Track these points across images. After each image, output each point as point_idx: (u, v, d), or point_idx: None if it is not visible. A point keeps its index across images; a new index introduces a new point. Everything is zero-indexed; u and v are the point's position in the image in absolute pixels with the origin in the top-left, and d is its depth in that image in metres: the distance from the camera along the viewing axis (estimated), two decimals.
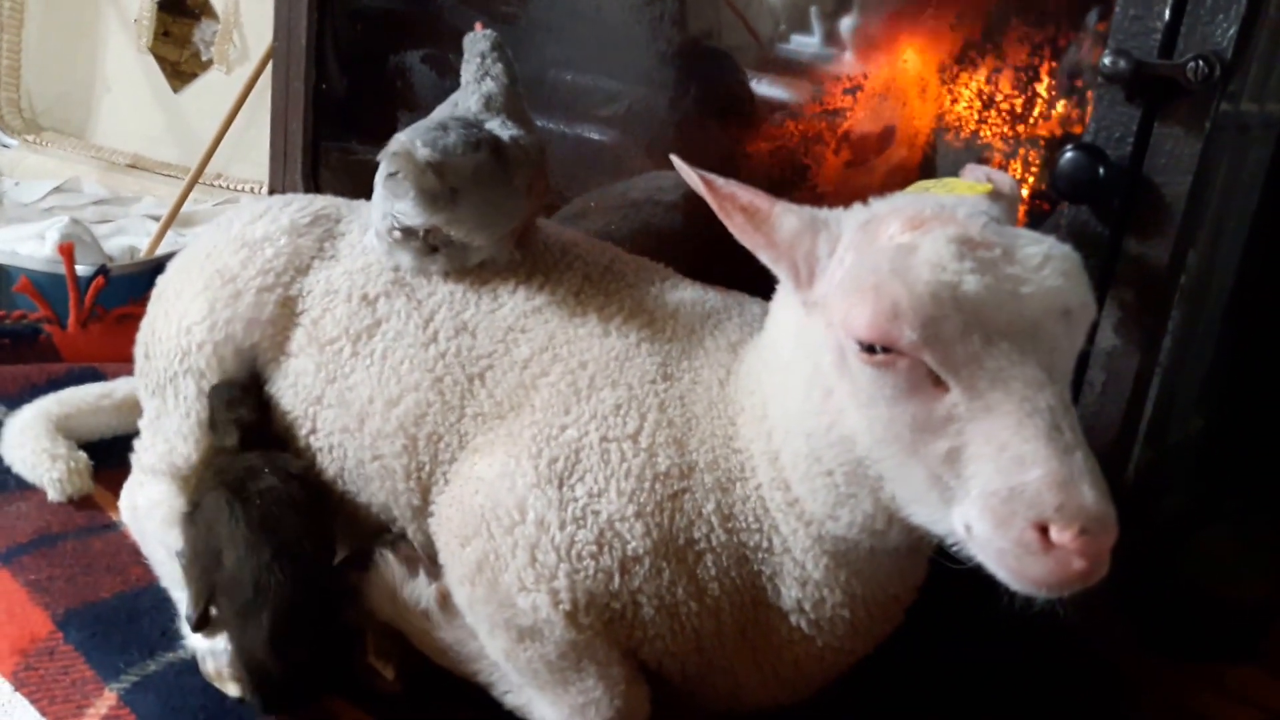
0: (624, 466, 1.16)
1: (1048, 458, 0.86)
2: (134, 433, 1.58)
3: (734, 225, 1.04)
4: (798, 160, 1.61)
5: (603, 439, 1.17)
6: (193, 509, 1.34)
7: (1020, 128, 1.40)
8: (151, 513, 1.46)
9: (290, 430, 1.39)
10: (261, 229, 1.45)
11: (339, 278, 1.40)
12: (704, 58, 1.77)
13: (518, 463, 1.19)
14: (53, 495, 1.61)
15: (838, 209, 1.04)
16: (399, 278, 1.37)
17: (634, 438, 1.17)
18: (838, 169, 1.59)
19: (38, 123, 3.69)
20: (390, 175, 1.28)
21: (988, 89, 1.41)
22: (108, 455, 1.68)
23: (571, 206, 1.87)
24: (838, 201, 1.06)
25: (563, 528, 1.15)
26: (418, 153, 1.24)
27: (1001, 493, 0.88)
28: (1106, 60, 1.15)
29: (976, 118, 1.43)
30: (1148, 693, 1.43)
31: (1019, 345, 0.90)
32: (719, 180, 1.04)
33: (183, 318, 1.43)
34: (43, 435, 1.67)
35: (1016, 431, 0.88)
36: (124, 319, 2.14)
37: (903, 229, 0.95)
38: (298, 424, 1.38)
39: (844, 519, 1.05)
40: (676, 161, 1.08)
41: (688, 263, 1.44)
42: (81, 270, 2.16)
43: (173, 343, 1.43)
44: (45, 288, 2.15)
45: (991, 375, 0.89)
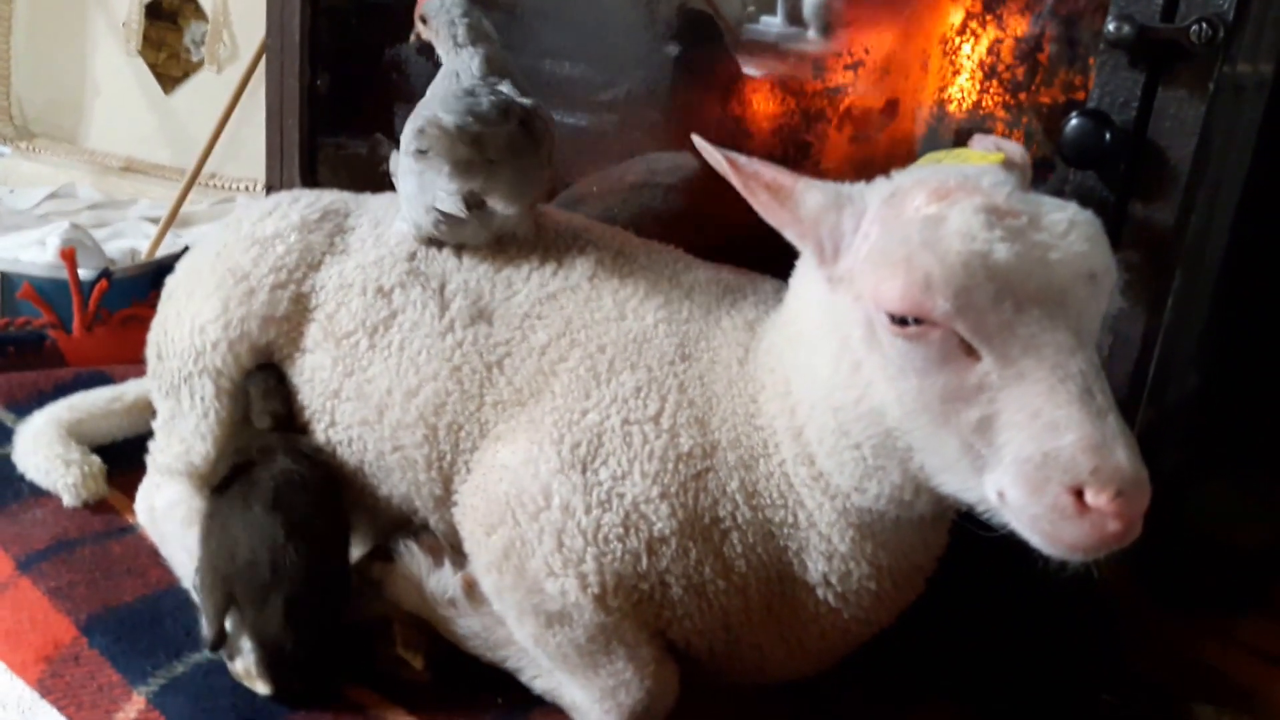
0: (647, 448, 1.16)
1: (1081, 422, 0.87)
2: (146, 435, 1.59)
3: (758, 203, 1.04)
4: (799, 137, 1.61)
5: (624, 422, 1.18)
6: (210, 513, 1.35)
7: (1022, 96, 1.40)
8: (170, 514, 1.47)
9: (309, 425, 1.39)
10: (272, 226, 1.45)
11: (352, 271, 1.40)
12: (698, 32, 1.77)
13: (540, 449, 1.19)
14: (68, 501, 1.61)
15: (859, 183, 1.05)
16: (413, 268, 1.38)
17: (655, 419, 1.17)
18: (841, 144, 1.59)
19: (29, 129, 3.68)
20: (421, 153, 1.28)
21: (989, 59, 1.42)
22: (121, 458, 1.68)
23: (570, 192, 1.87)
24: (840, 177, 1.07)
25: (588, 512, 1.15)
26: (446, 122, 1.24)
27: (1036, 458, 0.88)
28: (1110, 26, 1.15)
29: (978, 88, 1.44)
30: (1159, 646, 1.44)
31: (1049, 311, 0.91)
32: (742, 159, 1.04)
33: (195, 317, 1.43)
34: (55, 441, 1.66)
35: (1049, 397, 0.88)
36: (128, 321, 2.15)
37: (928, 200, 0.95)
38: (316, 418, 1.38)
39: (872, 491, 1.06)
40: (698, 141, 1.08)
41: (689, 244, 1.44)
42: (84, 274, 2.16)
43: (186, 342, 1.43)
44: (48, 293, 2.15)
45: (1023, 342, 0.90)
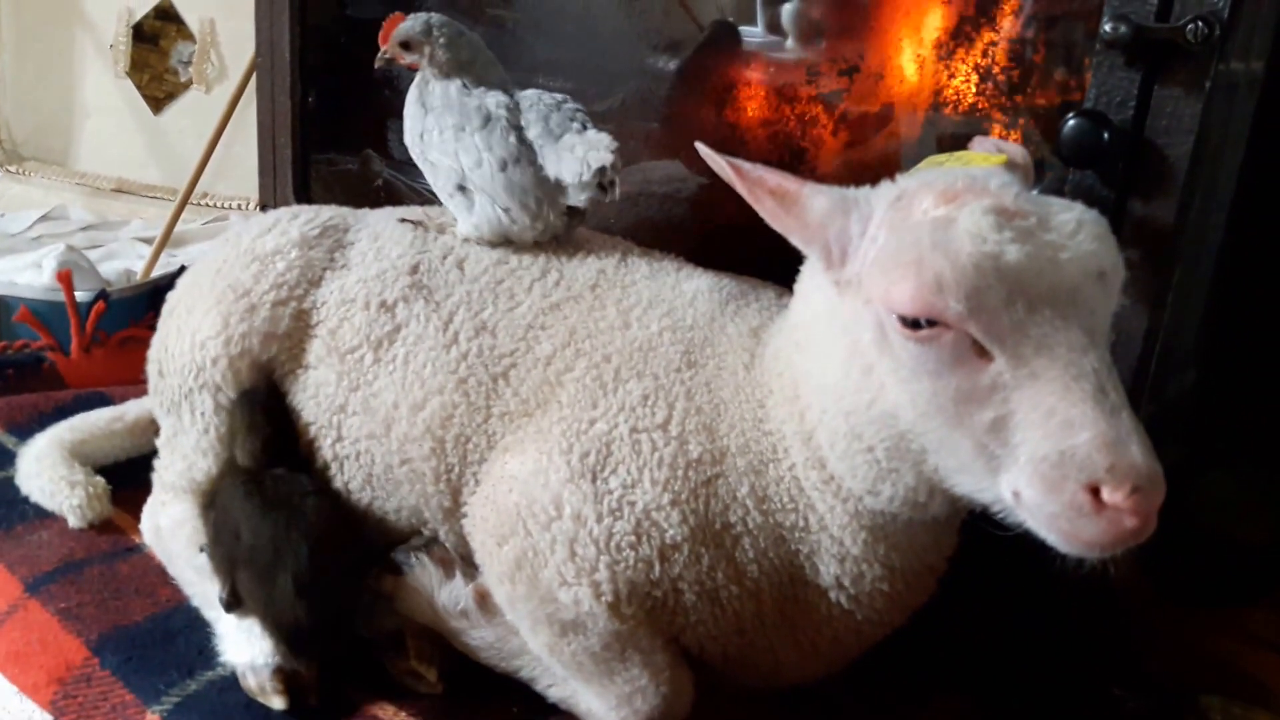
0: (656, 456, 1.16)
1: (1096, 420, 0.88)
2: (148, 454, 1.59)
3: (764, 209, 1.04)
4: (795, 143, 1.62)
5: (633, 430, 1.18)
6: (209, 502, 1.38)
7: (1018, 98, 1.41)
8: (176, 533, 1.47)
9: (314, 441, 1.39)
10: (272, 242, 1.45)
11: (354, 286, 1.40)
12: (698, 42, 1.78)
13: (549, 459, 1.20)
14: (73, 522, 1.60)
15: (864, 187, 1.05)
16: (416, 281, 1.38)
17: (664, 427, 1.18)
18: (837, 151, 1.60)
19: (19, 153, 3.68)
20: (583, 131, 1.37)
21: (984, 61, 1.43)
22: (124, 478, 1.68)
23: None
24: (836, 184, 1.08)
25: (600, 520, 1.15)
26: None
27: (1052, 457, 0.89)
28: (1107, 26, 1.16)
29: (974, 89, 1.45)
30: (1167, 639, 1.45)
31: (1060, 311, 0.91)
32: (746, 165, 1.05)
33: (196, 333, 1.43)
34: (59, 463, 1.66)
35: (1063, 396, 0.89)
36: (126, 342, 2.15)
37: (936, 203, 0.96)
38: (322, 434, 1.38)
39: (885, 494, 1.06)
40: (702, 149, 1.08)
41: (686, 253, 1.45)
42: (81, 296, 2.16)
43: (187, 359, 1.43)
44: (45, 316, 2.15)
45: (1036, 342, 0.91)
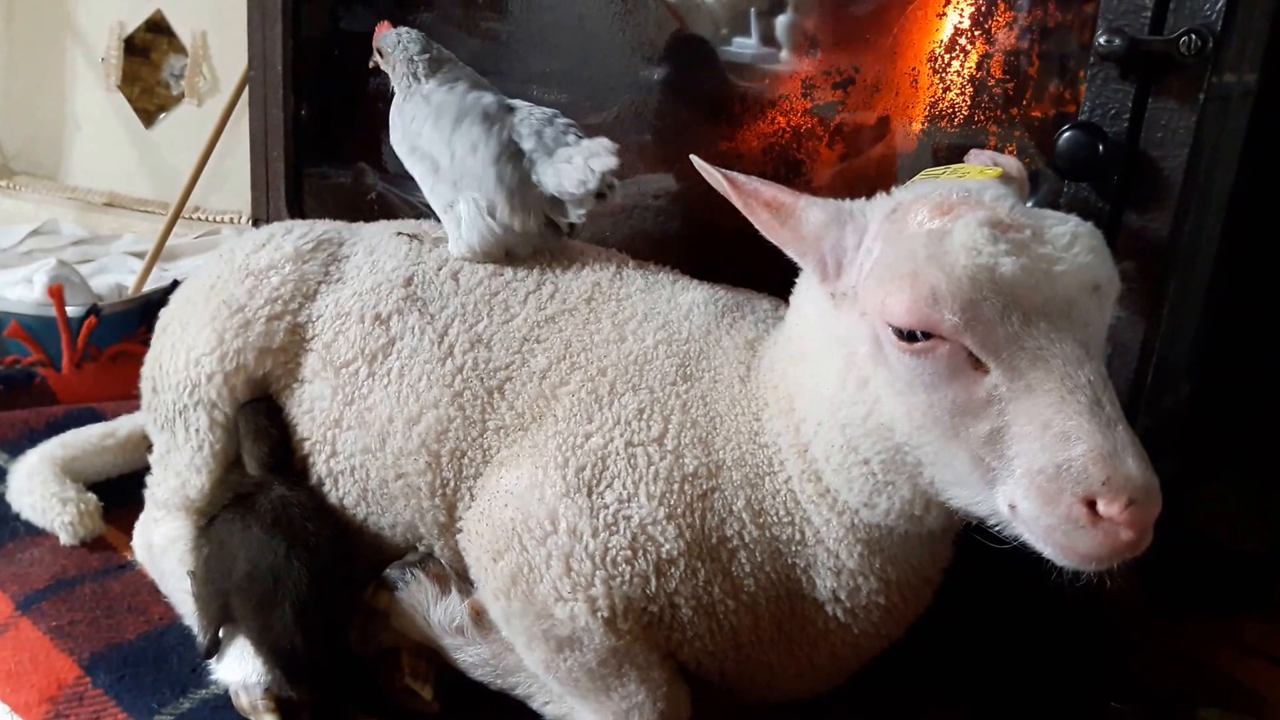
0: (652, 470, 1.16)
1: (1091, 432, 0.88)
2: (140, 471, 1.58)
3: (759, 221, 1.05)
4: (790, 156, 1.62)
5: (628, 444, 1.18)
6: (205, 527, 1.36)
7: (1013, 110, 1.42)
8: (168, 550, 1.46)
9: (309, 456, 1.39)
10: (266, 257, 1.45)
11: (348, 300, 1.40)
12: (687, 54, 1.78)
13: (545, 473, 1.19)
14: (65, 539, 1.60)
15: (860, 200, 1.05)
16: (410, 294, 1.38)
17: (659, 440, 1.17)
18: (832, 163, 1.60)
19: (9, 167, 3.66)
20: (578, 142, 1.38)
21: (979, 74, 1.43)
22: (116, 495, 1.68)
23: None
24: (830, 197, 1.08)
25: (595, 535, 1.15)
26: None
27: (1048, 470, 0.89)
28: (1101, 39, 1.17)
29: (969, 102, 1.45)
30: (1163, 650, 1.45)
31: (1056, 324, 0.91)
32: (741, 178, 1.05)
33: (191, 350, 1.42)
34: (50, 479, 1.66)
35: (1059, 409, 0.89)
36: (118, 357, 2.14)
37: (931, 215, 0.96)
38: (317, 448, 1.38)
39: (881, 506, 1.06)
40: (697, 162, 1.08)
41: (680, 265, 1.45)
42: (72, 311, 2.15)
43: (181, 375, 1.42)
44: (36, 331, 2.14)
45: (1031, 354, 0.91)
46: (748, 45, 1.69)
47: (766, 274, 1.21)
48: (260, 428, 1.39)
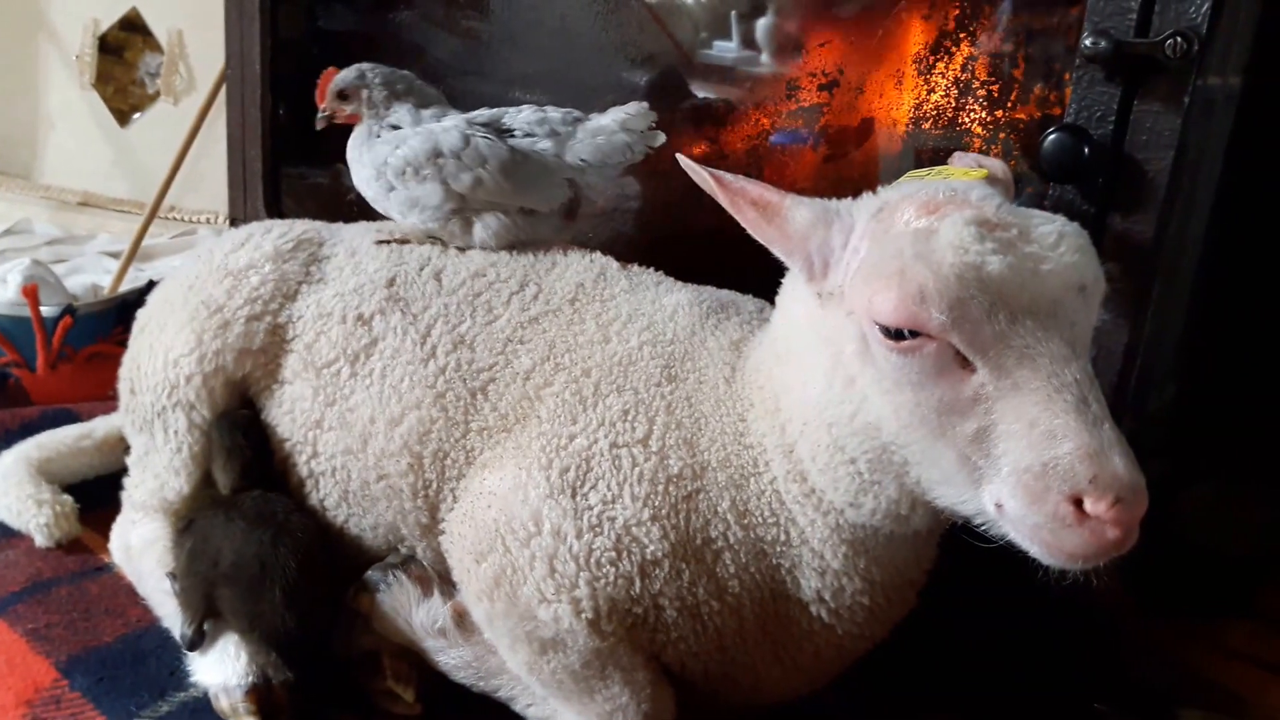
0: (636, 471, 1.15)
1: (1078, 431, 0.88)
2: (116, 472, 1.57)
3: (746, 220, 1.04)
4: (775, 157, 1.62)
5: (613, 445, 1.17)
6: (184, 529, 1.35)
7: (998, 112, 1.42)
8: (146, 552, 1.45)
9: (290, 457, 1.38)
10: (245, 257, 1.43)
11: (330, 300, 1.38)
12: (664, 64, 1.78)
13: (529, 474, 1.18)
14: (40, 541, 1.58)
15: (846, 199, 1.05)
16: (393, 294, 1.37)
17: (644, 442, 1.17)
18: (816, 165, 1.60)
19: None
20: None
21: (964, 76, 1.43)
22: (92, 497, 1.66)
23: None
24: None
25: (579, 536, 1.14)
26: None
27: (1035, 468, 0.89)
28: (1087, 41, 1.17)
29: (955, 105, 1.45)
30: (1149, 652, 1.45)
31: (1042, 322, 0.91)
32: (728, 176, 1.05)
33: (169, 351, 1.41)
34: (25, 481, 1.64)
35: (1046, 407, 0.89)
36: (94, 358, 2.12)
37: (918, 214, 0.96)
38: (297, 450, 1.37)
39: (867, 506, 1.06)
40: (684, 160, 1.08)
41: (664, 267, 1.44)
42: (47, 311, 2.12)
43: (160, 376, 1.41)
44: (10, 331, 2.12)
45: (1018, 353, 0.91)
46: (729, 48, 1.68)
47: (751, 276, 1.20)
48: (235, 446, 1.38)
